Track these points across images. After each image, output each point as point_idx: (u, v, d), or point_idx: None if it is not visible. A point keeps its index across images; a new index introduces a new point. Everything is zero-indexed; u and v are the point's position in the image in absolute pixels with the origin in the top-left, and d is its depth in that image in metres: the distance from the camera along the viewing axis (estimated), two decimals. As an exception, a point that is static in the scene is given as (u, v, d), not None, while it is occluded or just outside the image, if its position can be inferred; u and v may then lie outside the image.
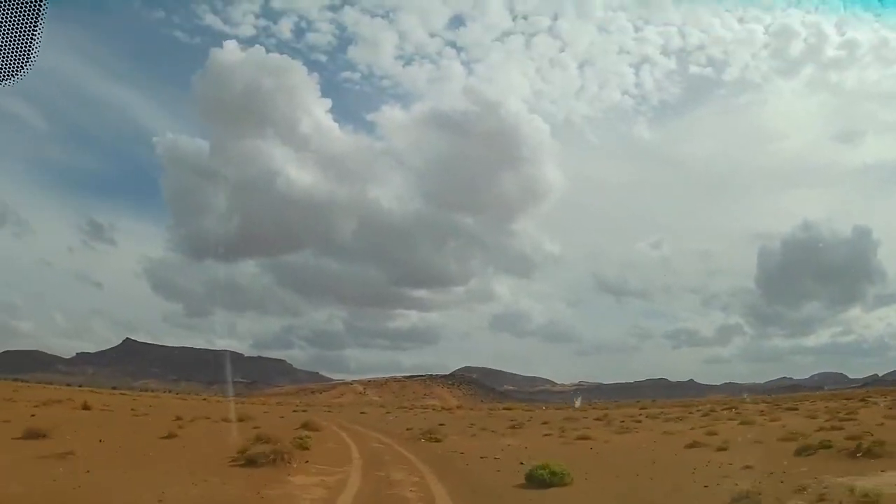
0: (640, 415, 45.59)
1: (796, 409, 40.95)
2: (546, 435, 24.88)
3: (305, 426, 26.71)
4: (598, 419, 41.81)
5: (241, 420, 30.79)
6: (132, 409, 37.54)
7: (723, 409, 49.18)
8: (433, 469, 14.20)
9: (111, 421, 27.54)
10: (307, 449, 17.27)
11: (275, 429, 24.95)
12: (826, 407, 41.96)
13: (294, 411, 56.01)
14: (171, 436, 19.95)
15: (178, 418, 30.77)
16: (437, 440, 22.17)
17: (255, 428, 26.09)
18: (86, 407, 35.70)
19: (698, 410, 48.80)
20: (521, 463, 14.39)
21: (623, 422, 36.00)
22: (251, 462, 13.36)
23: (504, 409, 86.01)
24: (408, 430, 28.97)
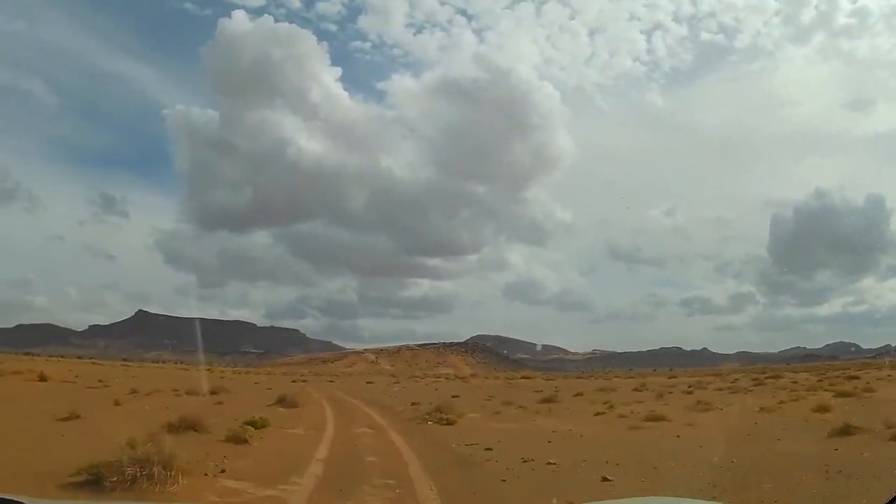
0: (677, 385, 39.28)
1: (857, 378, 34.26)
2: (598, 414, 18.38)
3: (282, 401, 20.64)
4: (636, 389, 35.45)
5: (213, 393, 24.88)
6: (100, 381, 32.07)
7: (768, 378, 42.77)
8: (448, 491, 7.75)
9: (49, 395, 21.75)
10: (245, 442, 11.00)
11: (240, 406, 19.01)
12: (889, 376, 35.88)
13: (293, 381, 50.40)
14: (72, 417, 13.99)
15: (134, 391, 25.09)
16: (450, 422, 15.79)
17: (217, 403, 20.17)
18: (42, 378, 30.58)
19: (749, 380, 42.29)
20: (606, 479, 7.90)
21: (671, 392, 29.59)
22: (96, 480, 7.04)
23: (522, 377, 79.88)
24: (413, 405, 22.80)
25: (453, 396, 29.71)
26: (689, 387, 36.30)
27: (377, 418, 17.96)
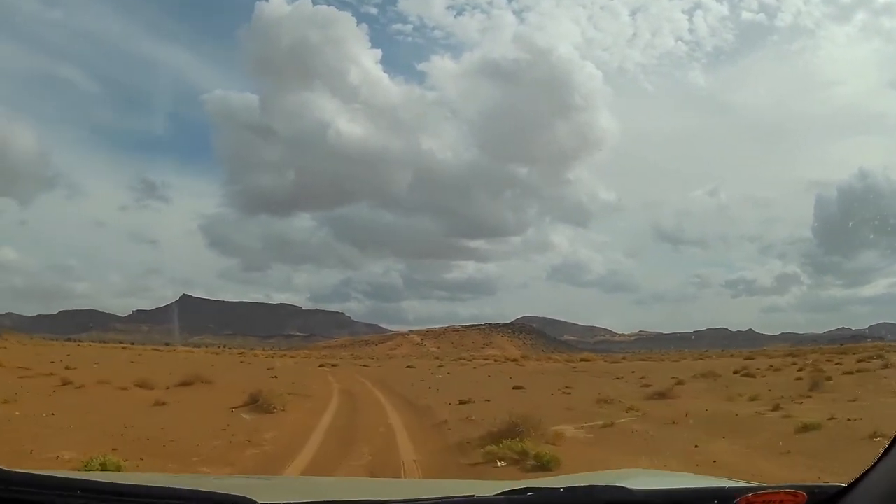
0: (775, 365, 30.63)
1: None
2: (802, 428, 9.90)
3: (254, 402, 13.06)
4: (744, 373, 26.70)
5: (185, 384, 17.70)
6: (66, 368, 25.66)
7: (871, 357, 33.32)
8: None
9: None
10: None
11: (189, 410, 11.61)
12: None
13: (319, 366, 43.54)
14: None
15: (66, 383, 18.15)
16: (542, 463, 7.65)
17: (158, 405, 12.86)
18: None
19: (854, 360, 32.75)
20: None
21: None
22: None
23: (581, 360, 70.94)
24: (462, 403, 15.03)
25: (515, 388, 21.76)
26: (799, 367, 27.81)
27: (402, 441, 10.03)
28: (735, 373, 26.80)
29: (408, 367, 44.40)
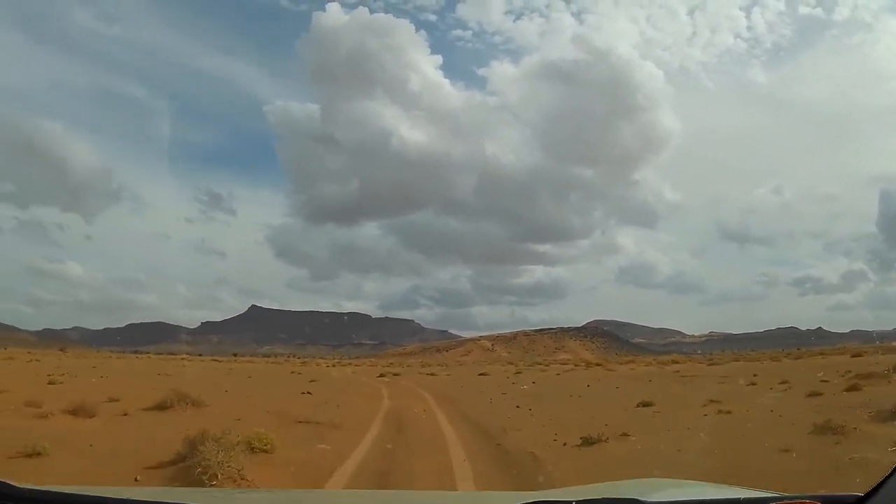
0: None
1: None
2: None
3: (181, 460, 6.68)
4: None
5: (190, 405, 11.97)
6: (51, 383, 20.70)
7: None
8: None
9: None
10: None
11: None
12: None
13: (379, 375, 37.64)
14: None
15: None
16: None
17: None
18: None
19: None
20: None
21: None
22: None
23: (673, 362, 61.39)
24: (585, 444, 8.34)
25: (641, 405, 14.79)
26: None
27: None
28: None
29: (481, 374, 37.68)
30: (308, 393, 17.33)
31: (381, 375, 37.92)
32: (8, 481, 1.31)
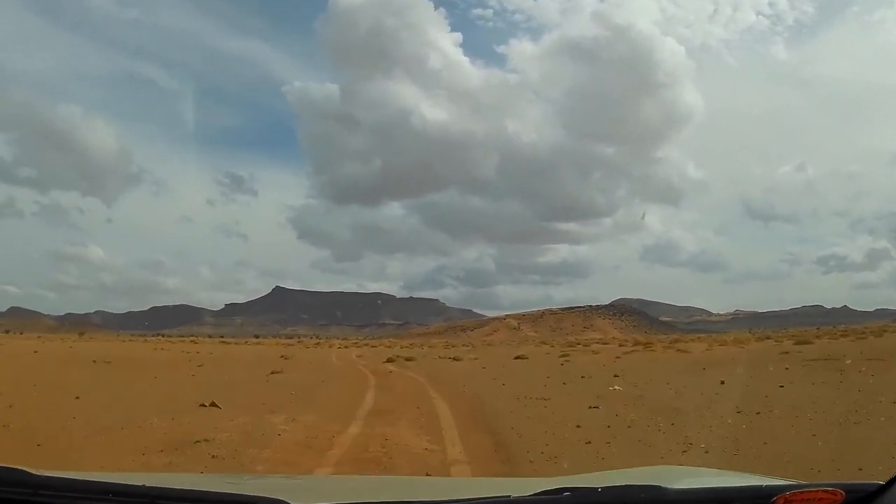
0: None
1: None
2: None
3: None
4: None
5: None
6: None
7: None
8: None
9: None
10: None
11: None
12: None
13: (388, 360, 30.82)
14: None
15: None
16: None
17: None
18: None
19: None
20: None
21: None
22: None
23: (741, 340, 52.98)
24: None
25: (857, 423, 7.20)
26: None
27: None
28: None
29: (517, 357, 30.31)
30: (214, 405, 10.22)
31: (389, 360, 31.08)
32: (25, 468, 1.30)
